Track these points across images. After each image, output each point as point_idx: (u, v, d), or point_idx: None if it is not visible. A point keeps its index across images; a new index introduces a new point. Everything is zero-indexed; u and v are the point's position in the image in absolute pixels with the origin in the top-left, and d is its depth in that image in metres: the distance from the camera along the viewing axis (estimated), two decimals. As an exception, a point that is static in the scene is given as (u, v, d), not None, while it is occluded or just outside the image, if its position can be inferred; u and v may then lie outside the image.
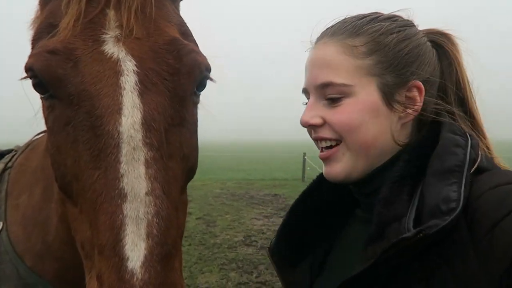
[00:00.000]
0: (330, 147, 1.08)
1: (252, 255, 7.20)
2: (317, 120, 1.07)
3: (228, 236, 8.47)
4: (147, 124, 0.90)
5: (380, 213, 0.92)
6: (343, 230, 1.21)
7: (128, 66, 0.94)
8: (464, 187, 0.85)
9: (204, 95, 1.15)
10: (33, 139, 1.66)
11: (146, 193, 0.84)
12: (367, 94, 1.03)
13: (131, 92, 0.91)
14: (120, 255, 0.79)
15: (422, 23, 1.13)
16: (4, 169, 1.57)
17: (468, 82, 1.10)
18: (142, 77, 0.94)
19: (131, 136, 0.87)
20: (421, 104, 1.04)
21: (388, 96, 1.03)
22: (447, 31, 1.13)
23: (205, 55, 1.08)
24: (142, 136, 0.88)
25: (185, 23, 1.15)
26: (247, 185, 16.70)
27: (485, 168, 0.95)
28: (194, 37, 1.15)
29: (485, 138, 1.09)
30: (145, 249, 0.80)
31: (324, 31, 1.13)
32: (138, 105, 0.91)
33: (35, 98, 1.07)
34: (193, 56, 1.03)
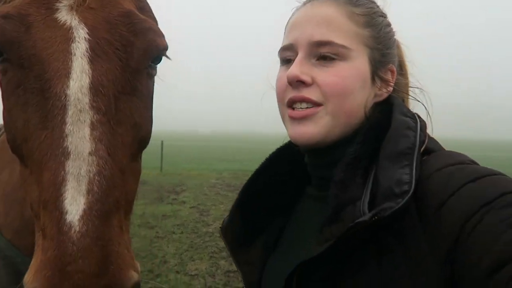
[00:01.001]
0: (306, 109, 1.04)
1: (243, 245, 7.29)
2: (307, 78, 1.01)
3: (221, 226, 8.55)
4: (95, 89, 0.92)
5: (336, 196, 0.93)
6: (295, 208, 1.21)
7: (80, 33, 0.96)
8: (415, 170, 0.88)
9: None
10: None
11: (90, 153, 0.87)
12: (361, 62, 1.03)
13: (81, 58, 0.94)
14: (60, 209, 0.82)
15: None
16: None
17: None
18: (94, 44, 0.96)
19: (78, 99, 0.90)
20: (392, 86, 1.08)
21: (374, 70, 1.05)
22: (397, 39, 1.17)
23: (163, 32, 1.11)
24: (89, 99, 0.91)
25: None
26: (243, 176, 16.74)
27: (431, 149, 0.97)
28: (154, 14, 1.18)
29: None
30: (84, 204, 0.83)
31: None
32: (87, 71, 0.93)
33: None
34: (151, 35, 1.05)
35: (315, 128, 1.01)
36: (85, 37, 0.96)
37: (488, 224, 0.74)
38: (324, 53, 1.01)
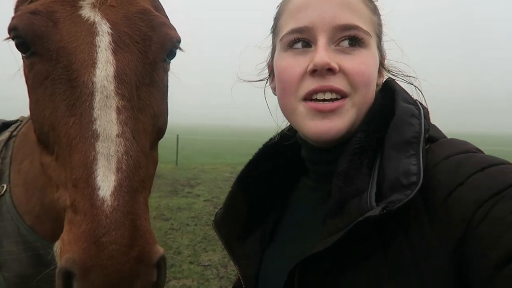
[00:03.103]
0: (331, 101, 0.96)
1: (256, 238, 7.40)
2: (335, 65, 0.93)
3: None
4: (119, 77, 0.99)
5: (340, 188, 0.89)
6: (290, 199, 1.18)
7: (103, 28, 1.04)
8: (422, 160, 0.84)
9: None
10: None
11: (117, 135, 0.94)
12: (375, 50, 1.00)
13: (105, 50, 1.01)
14: (93, 185, 0.88)
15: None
16: (10, 137, 1.68)
17: None
18: (116, 38, 1.04)
19: (104, 86, 0.96)
20: (385, 75, 1.08)
21: (380, 59, 1.03)
22: None
23: (174, 26, 1.19)
24: (114, 87, 0.98)
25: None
26: (256, 170, 16.80)
27: (434, 137, 0.95)
28: (166, 13, 1.27)
29: None
30: (114, 180, 0.89)
31: None
32: (111, 61, 1.00)
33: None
34: (165, 28, 1.13)
35: (342, 123, 0.95)
36: (108, 31, 1.04)
37: (497, 215, 0.71)
38: (350, 36, 0.95)
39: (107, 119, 0.95)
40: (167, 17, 1.26)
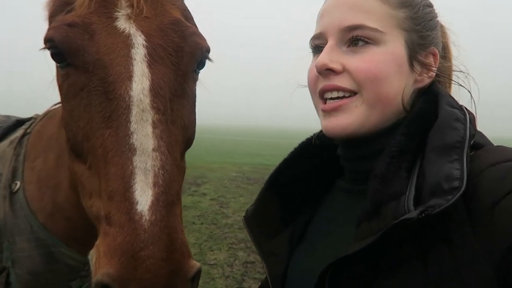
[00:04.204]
0: (339, 99, 1.00)
1: (261, 238, 7.39)
2: (337, 66, 0.97)
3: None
4: (155, 91, 1.01)
5: (377, 190, 0.87)
6: (323, 200, 1.18)
7: (138, 40, 1.05)
8: (466, 165, 0.81)
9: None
10: (51, 108, 1.73)
11: (153, 149, 0.95)
12: (395, 46, 0.98)
13: (141, 62, 1.03)
14: (130, 199, 0.89)
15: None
16: (24, 135, 1.70)
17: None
18: (151, 50, 1.06)
19: (140, 100, 0.98)
20: (435, 71, 1.03)
21: (412, 54, 1.00)
22: (441, 22, 1.12)
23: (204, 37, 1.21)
24: (150, 100, 0.99)
25: (188, 9, 1.28)
26: (263, 170, 16.79)
27: (480, 144, 0.92)
28: (195, 21, 1.28)
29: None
30: (152, 195, 0.90)
31: None
32: (146, 74, 1.02)
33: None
34: (196, 38, 1.15)
35: (348, 119, 0.98)
36: (142, 44, 1.06)
37: None
38: (355, 36, 0.97)
39: (143, 133, 0.96)
40: (196, 26, 1.27)
